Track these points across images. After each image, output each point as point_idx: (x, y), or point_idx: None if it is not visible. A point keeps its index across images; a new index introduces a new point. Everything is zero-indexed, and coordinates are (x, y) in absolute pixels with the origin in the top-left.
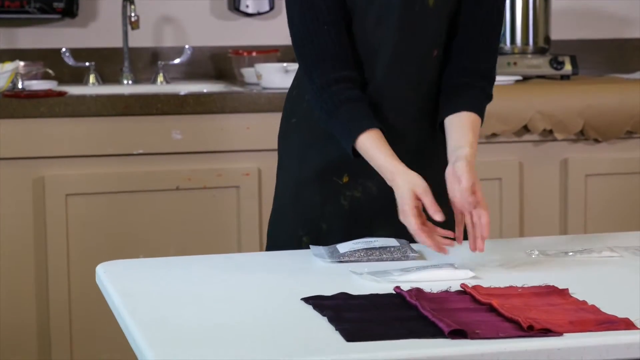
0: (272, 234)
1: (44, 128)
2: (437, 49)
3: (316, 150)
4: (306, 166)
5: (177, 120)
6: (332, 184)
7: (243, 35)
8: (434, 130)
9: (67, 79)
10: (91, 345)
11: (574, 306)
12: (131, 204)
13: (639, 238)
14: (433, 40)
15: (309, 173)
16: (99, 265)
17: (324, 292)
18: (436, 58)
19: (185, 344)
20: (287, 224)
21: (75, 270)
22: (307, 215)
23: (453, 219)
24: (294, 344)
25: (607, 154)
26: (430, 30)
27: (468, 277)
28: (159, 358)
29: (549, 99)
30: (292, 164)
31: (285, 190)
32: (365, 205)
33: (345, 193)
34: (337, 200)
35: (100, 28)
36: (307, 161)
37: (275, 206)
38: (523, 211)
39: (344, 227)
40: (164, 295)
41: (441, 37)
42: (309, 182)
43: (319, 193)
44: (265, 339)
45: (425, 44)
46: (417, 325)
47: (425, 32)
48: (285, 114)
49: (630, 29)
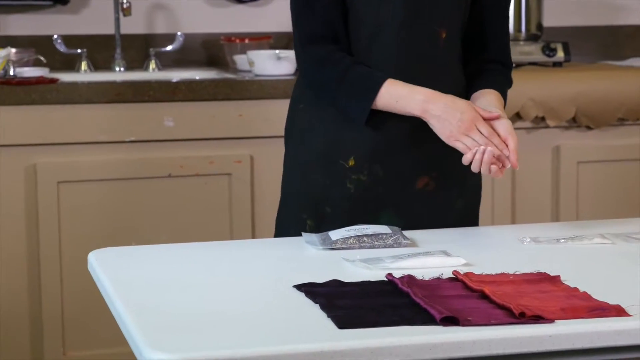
0: (279, 219)
1: (36, 115)
2: (445, 30)
3: (321, 133)
4: (312, 150)
5: (169, 108)
6: (338, 167)
7: (235, 22)
8: None
9: (58, 66)
10: (83, 332)
11: (566, 293)
12: (123, 192)
13: (631, 225)
14: (440, 21)
15: (315, 156)
16: (91, 252)
17: (316, 279)
18: (445, 40)
19: (177, 331)
20: (292, 208)
21: (67, 258)
22: (312, 198)
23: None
24: (286, 331)
25: (599, 141)
26: (437, 10)
27: (460, 264)
28: (151, 344)
29: (541, 86)
30: (298, 148)
31: (292, 175)
32: (371, 189)
33: (351, 177)
34: (343, 183)
35: (92, 15)
36: (312, 144)
37: (282, 193)
38: (515, 198)
39: (349, 210)
40: (156, 283)
41: (450, 19)
42: (314, 165)
43: (325, 176)
44: (257, 326)
45: (431, 23)
46: (409, 312)
47: (431, 12)
48: (293, 101)
49: (623, 16)
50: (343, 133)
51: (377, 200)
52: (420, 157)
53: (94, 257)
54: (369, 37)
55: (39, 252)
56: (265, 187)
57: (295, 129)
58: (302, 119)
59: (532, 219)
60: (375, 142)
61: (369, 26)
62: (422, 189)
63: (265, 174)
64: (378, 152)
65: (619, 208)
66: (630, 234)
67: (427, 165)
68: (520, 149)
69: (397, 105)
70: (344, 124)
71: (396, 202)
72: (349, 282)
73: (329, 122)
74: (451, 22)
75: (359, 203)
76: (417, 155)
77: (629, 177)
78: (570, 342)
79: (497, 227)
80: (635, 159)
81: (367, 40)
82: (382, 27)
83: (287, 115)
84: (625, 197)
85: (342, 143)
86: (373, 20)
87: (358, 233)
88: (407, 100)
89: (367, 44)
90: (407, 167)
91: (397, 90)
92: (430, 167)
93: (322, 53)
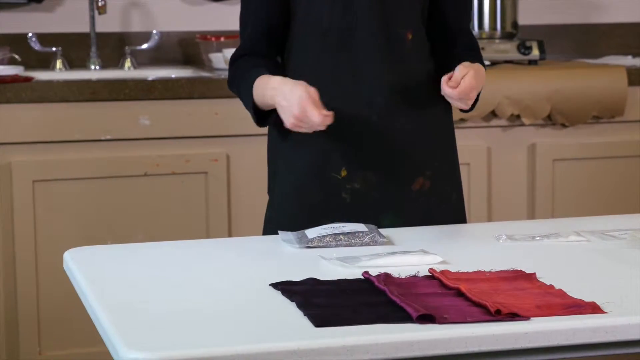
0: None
1: (11, 114)
2: (410, 32)
3: (308, 150)
4: (302, 168)
5: (145, 106)
6: (331, 180)
7: (211, 21)
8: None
9: (33, 64)
10: (60, 332)
11: (541, 290)
12: (99, 190)
13: (606, 222)
14: (405, 23)
15: (306, 174)
16: (67, 251)
17: (293, 277)
18: (411, 42)
19: (153, 330)
20: (290, 225)
21: (43, 257)
22: (311, 215)
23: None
24: (262, 330)
25: (574, 138)
26: (399, 13)
27: (436, 262)
28: (127, 344)
29: (517, 84)
30: (289, 168)
31: (284, 196)
32: (367, 195)
33: (346, 186)
34: (339, 195)
35: (67, 13)
36: (304, 163)
37: (270, 212)
38: (491, 196)
39: (349, 220)
40: (132, 281)
41: (415, 21)
42: (307, 182)
43: (319, 191)
44: (233, 324)
45: (396, 25)
46: (385, 310)
47: (396, 14)
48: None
49: (598, 14)
50: (331, 146)
51: (375, 206)
52: (411, 159)
53: (70, 256)
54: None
55: (15, 251)
56: (242, 185)
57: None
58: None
59: (508, 217)
60: (364, 150)
61: (333, 34)
62: (419, 189)
63: (241, 172)
64: (368, 159)
65: (594, 205)
66: (605, 232)
67: (419, 166)
68: (496, 147)
69: (266, 99)
70: (330, 137)
71: (394, 205)
72: (325, 280)
73: (315, 138)
74: (415, 23)
75: (357, 211)
76: (408, 157)
77: (604, 174)
78: (546, 340)
79: (473, 225)
80: (610, 156)
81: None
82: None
83: (269, 135)
84: (600, 195)
85: (331, 156)
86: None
87: (334, 231)
88: (265, 94)
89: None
90: (400, 170)
91: (259, 84)
92: (423, 167)
93: (237, 63)
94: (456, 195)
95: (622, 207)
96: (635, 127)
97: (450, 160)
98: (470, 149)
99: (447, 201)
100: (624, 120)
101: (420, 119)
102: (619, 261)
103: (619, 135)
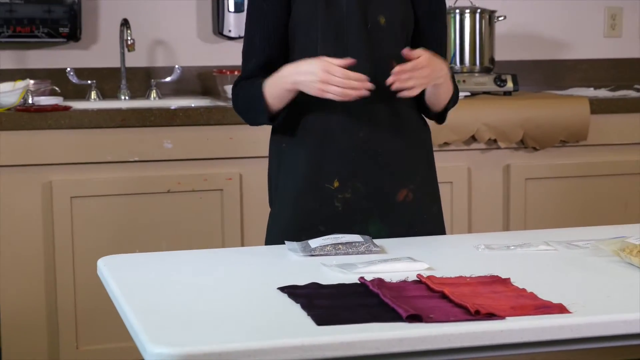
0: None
1: (52, 138)
2: (393, 60)
3: (305, 165)
4: (301, 181)
5: (168, 132)
6: (325, 190)
7: (226, 56)
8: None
9: (71, 95)
10: (94, 329)
11: (515, 293)
12: (128, 205)
13: (572, 234)
14: (389, 54)
15: (305, 186)
16: (100, 259)
17: (297, 282)
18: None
19: (175, 328)
20: (289, 233)
21: (80, 264)
22: (307, 221)
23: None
24: (270, 328)
25: (544, 160)
26: (385, 44)
27: (423, 268)
28: (152, 340)
29: (494, 113)
30: (288, 181)
31: (284, 206)
32: (356, 204)
33: (338, 196)
34: (332, 204)
35: (101, 50)
36: (301, 176)
37: (272, 221)
38: (471, 210)
39: (341, 225)
40: (157, 285)
41: (398, 51)
42: (305, 194)
43: (314, 201)
44: (245, 323)
45: (381, 56)
46: (379, 310)
47: (380, 46)
48: (276, 139)
49: (564, 52)
50: (324, 160)
51: (364, 214)
52: (396, 174)
53: (103, 263)
54: None
55: (55, 259)
56: (253, 201)
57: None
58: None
59: (486, 229)
60: (354, 163)
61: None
62: (403, 200)
63: (252, 189)
64: (357, 171)
65: (561, 219)
66: (571, 242)
67: (403, 180)
68: (476, 167)
69: (282, 85)
70: (323, 152)
71: (381, 213)
72: (326, 284)
73: (309, 154)
74: (400, 59)
75: (348, 217)
76: (393, 172)
77: (570, 192)
78: (519, 336)
79: (456, 236)
80: (576, 176)
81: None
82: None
83: (270, 153)
84: (567, 210)
85: (324, 169)
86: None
87: (334, 241)
88: (280, 82)
89: None
90: (387, 182)
91: (270, 82)
92: (407, 181)
93: (240, 84)
94: (436, 207)
95: (586, 220)
96: (597, 150)
97: (431, 177)
98: (453, 169)
99: (427, 212)
100: (587, 144)
101: (404, 140)
102: (582, 268)
103: (583, 157)
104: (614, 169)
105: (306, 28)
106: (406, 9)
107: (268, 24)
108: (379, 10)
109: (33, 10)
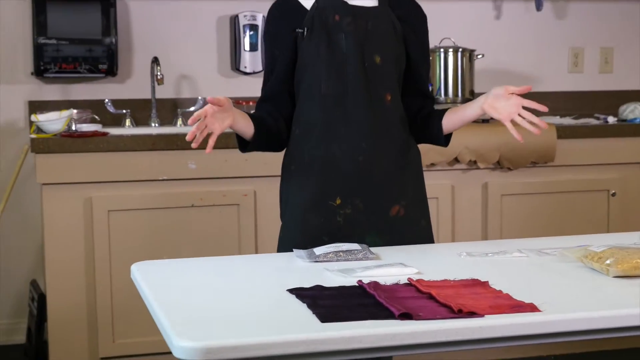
0: (283, 246)
1: (92, 160)
2: (389, 94)
3: (312, 185)
4: (308, 198)
5: (193, 154)
6: (329, 207)
7: (242, 89)
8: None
9: (109, 123)
10: (128, 325)
11: (493, 294)
12: (157, 218)
13: (542, 242)
14: (384, 88)
15: (311, 203)
16: (133, 264)
17: (304, 284)
18: (390, 101)
19: (197, 324)
20: (297, 242)
21: (116, 269)
22: (313, 233)
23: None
24: (280, 324)
25: (517, 179)
26: (380, 80)
27: (413, 273)
28: (177, 334)
29: (474, 137)
30: (297, 198)
31: (293, 219)
32: (355, 218)
33: (339, 212)
34: (334, 219)
35: (134, 84)
36: (308, 194)
37: (283, 232)
38: (454, 223)
39: (342, 237)
40: (182, 287)
41: (392, 86)
42: (312, 209)
43: (319, 216)
44: (258, 320)
45: (377, 91)
46: (374, 309)
47: (376, 82)
48: (286, 162)
49: (534, 85)
50: (328, 181)
51: (362, 227)
52: (389, 191)
53: (136, 268)
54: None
55: (94, 264)
56: (266, 214)
57: (292, 184)
58: (296, 177)
59: (467, 238)
60: (353, 184)
61: (330, 97)
62: (395, 215)
63: (265, 204)
64: (357, 190)
65: (532, 230)
66: (541, 249)
67: (396, 197)
68: (458, 185)
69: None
70: (328, 175)
71: (376, 226)
72: (329, 287)
73: (315, 176)
74: (392, 87)
75: (348, 230)
76: (387, 190)
77: (540, 206)
78: (496, 332)
79: (441, 245)
80: (545, 192)
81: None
82: (343, 95)
83: (282, 174)
84: (538, 222)
85: (328, 189)
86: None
87: (336, 249)
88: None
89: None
90: (382, 199)
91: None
92: (399, 198)
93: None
94: (425, 221)
95: (554, 230)
96: (562, 170)
97: (420, 194)
98: (438, 186)
99: (417, 225)
100: (555, 165)
101: (396, 161)
102: (551, 272)
103: (551, 177)
104: (577, 187)
105: (311, 67)
106: (399, 48)
107: (280, 66)
108: (375, 50)
109: (76, 50)
